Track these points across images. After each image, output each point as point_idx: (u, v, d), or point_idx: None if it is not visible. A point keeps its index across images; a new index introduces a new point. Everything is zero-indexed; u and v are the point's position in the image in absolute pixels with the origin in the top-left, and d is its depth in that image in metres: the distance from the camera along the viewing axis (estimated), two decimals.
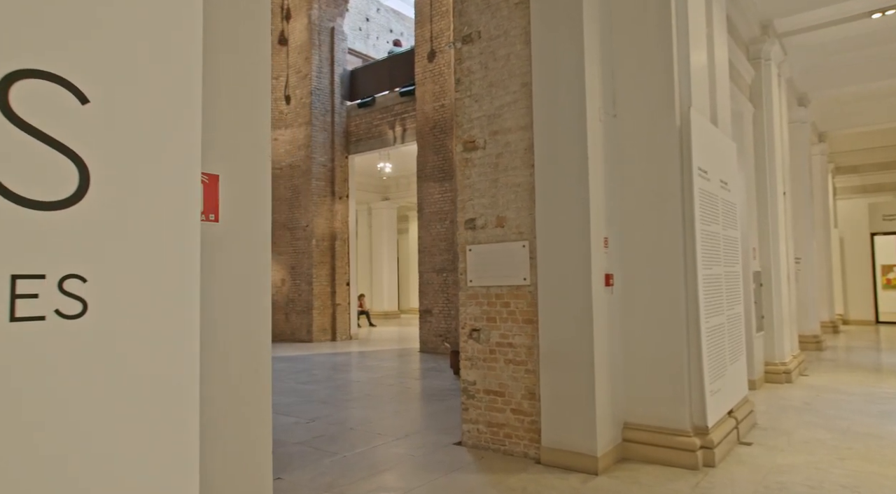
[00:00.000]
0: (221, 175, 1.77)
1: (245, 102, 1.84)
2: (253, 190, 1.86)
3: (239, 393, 1.83)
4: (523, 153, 4.41)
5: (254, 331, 1.85)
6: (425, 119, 11.46)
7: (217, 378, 1.74)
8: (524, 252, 4.34)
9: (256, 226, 1.86)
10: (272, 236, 11.05)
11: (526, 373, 4.32)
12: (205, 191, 1.72)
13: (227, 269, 1.77)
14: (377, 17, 22.82)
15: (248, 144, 1.85)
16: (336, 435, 4.93)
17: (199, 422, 1.58)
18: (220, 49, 1.75)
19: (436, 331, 11.04)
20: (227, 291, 1.77)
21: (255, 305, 1.85)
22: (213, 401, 1.72)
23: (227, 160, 1.79)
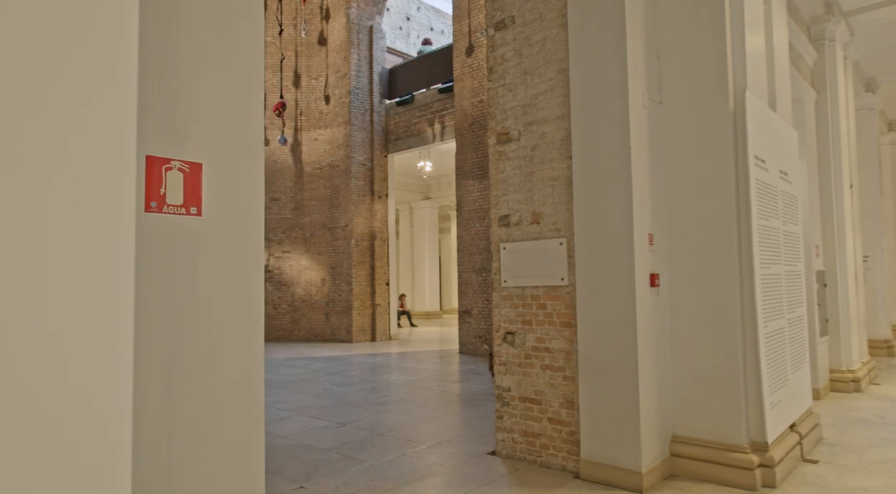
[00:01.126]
0: (205, 163, 1.58)
1: (232, 83, 1.65)
2: (242, 180, 1.66)
3: (226, 405, 1.63)
4: (560, 144, 4.12)
5: (244, 337, 1.65)
6: (464, 115, 11.23)
7: (198, 388, 1.55)
8: (561, 250, 4.05)
9: (247, 221, 1.67)
10: (313, 236, 11.11)
11: (564, 380, 4.02)
12: (185, 181, 1.53)
13: (212, 269, 1.58)
14: (417, 16, 22.74)
15: (236, 129, 1.65)
16: (365, 441, 4.76)
17: (175, 437, 1.39)
18: (194, 20, 1.55)
19: (475, 332, 10.79)
20: (211, 294, 1.58)
21: (244, 309, 1.66)
22: (191, 414, 1.53)
23: (212, 147, 1.60)
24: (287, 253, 13.77)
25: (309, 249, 13.71)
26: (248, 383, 1.68)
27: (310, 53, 14.05)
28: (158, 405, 1.51)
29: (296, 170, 13.91)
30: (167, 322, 1.51)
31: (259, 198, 1.70)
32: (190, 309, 1.54)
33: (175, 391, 1.53)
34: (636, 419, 3.63)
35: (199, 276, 1.56)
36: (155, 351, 1.50)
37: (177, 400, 1.54)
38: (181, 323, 1.53)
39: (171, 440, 1.53)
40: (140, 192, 1.49)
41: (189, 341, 1.54)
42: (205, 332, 1.58)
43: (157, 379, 1.50)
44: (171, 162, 1.53)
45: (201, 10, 1.57)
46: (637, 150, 3.75)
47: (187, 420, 1.56)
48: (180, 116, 1.53)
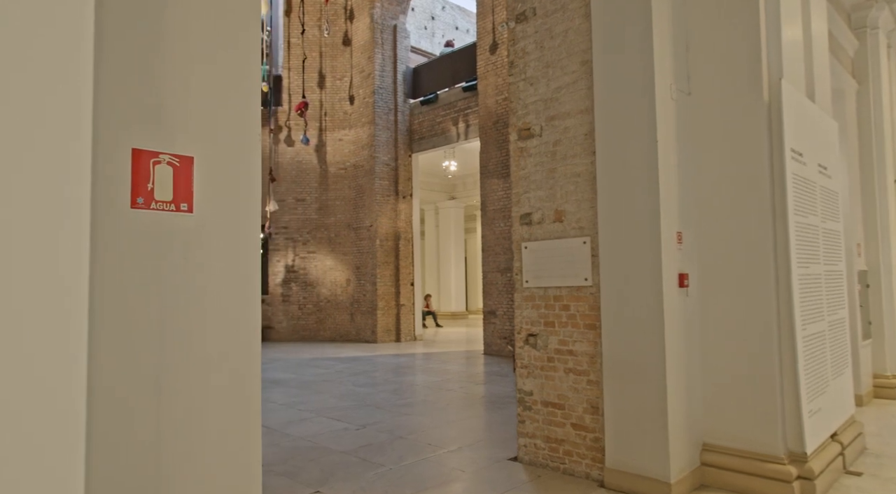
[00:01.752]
0: (197, 157, 1.50)
1: (226, 74, 1.56)
2: (237, 175, 1.58)
3: (221, 407, 1.55)
4: (583, 139, 3.97)
5: (240, 338, 1.57)
6: (488, 113, 11.09)
7: (191, 389, 1.47)
8: (585, 249, 3.90)
9: (242, 218, 1.58)
10: (338, 236, 11.11)
11: (588, 384, 3.87)
12: (175, 176, 1.45)
13: (204, 269, 1.50)
14: (442, 15, 22.67)
15: (230, 122, 1.57)
16: (385, 445, 4.67)
17: (165, 438, 1.30)
18: (187, 8, 1.47)
19: (500, 333, 10.64)
20: (203, 295, 1.49)
21: (240, 310, 1.57)
22: (182, 415, 1.45)
23: (204, 140, 1.52)
24: (312, 254, 13.82)
25: (334, 249, 13.74)
26: (244, 385, 1.60)
27: (334, 54, 14.08)
28: (146, 405, 1.43)
29: (321, 171, 13.96)
30: (157, 322, 1.44)
31: (255, 194, 1.61)
32: (181, 309, 1.46)
33: (165, 392, 1.46)
34: (664, 426, 3.46)
35: (190, 276, 1.48)
36: (142, 351, 1.42)
37: (167, 401, 1.46)
38: (172, 324, 1.46)
39: (160, 441, 1.45)
40: (125, 187, 1.41)
41: (180, 342, 1.46)
42: (197, 333, 1.50)
43: (145, 379, 1.43)
44: (159, 155, 1.46)
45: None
46: (664, 144, 3.57)
47: (178, 421, 1.48)
48: (170, 108, 1.45)
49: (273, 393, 7.12)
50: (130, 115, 1.41)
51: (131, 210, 1.43)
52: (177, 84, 1.46)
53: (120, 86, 1.39)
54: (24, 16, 1.02)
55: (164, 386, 1.45)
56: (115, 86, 1.39)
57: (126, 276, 1.39)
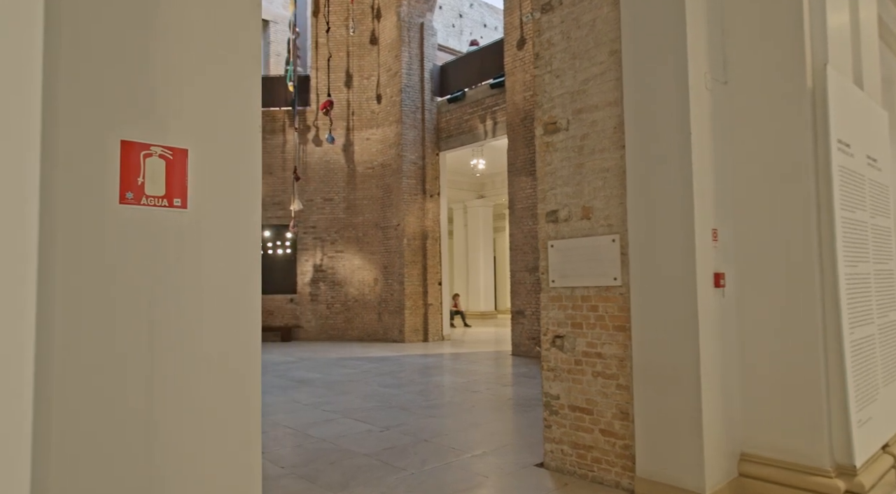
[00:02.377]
0: (192, 149, 1.41)
1: (225, 60, 1.47)
2: (236, 169, 1.49)
3: (218, 412, 1.46)
4: (612, 132, 3.79)
5: (238, 341, 1.48)
6: (515, 110, 10.92)
7: (185, 394, 1.38)
8: (614, 247, 3.72)
9: (241, 214, 1.49)
10: (365, 235, 11.10)
11: (617, 389, 3.70)
12: (168, 169, 1.37)
13: (199, 268, 1.41)
14: (470, 13, 22.54)
15: (229, 112, 1.48)
16: (408, 448, 4.57)
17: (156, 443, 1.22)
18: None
19: (528, 334, 10.46)
20: (199, 296, 1.40)
21: (238, 311, 1.48)
22: (175, 419, 1.36)
23: (200, 131, 1.43)
24: (340, 253, 13.85)
25: (361, 249, 13.74)
26: (243, 388, 1.51)
27: (361, 53, 14.08)
28: (136, 407, 1.35)
29: (348, 170, 13.98)
30: (147, 323, 1.36)
31: (255, 189, 1.52)
32: (175, 310, 1.38)
33: (157, 394, 1.38)
34: (699, 434, 3.27)
35: (184, 276, 1.39)
36: (131, 353, 1.34)
37: (159, 404, 1.38)
38: (164, 325, 1.38)
39: (152, 444, 1.37)
40: (113, 181, 1.34)
41: (174, 344, 1.38)
42: (193, 335, 1.42)
43: (135, 381, 1.35)
44: (150, 147, 1.38)
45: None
46: (698, 136, 3.38)
47: (172, 424, 1.40)
48: (163, 97, 1.37)
49: (299, 393, 7.10)
50: (119, 105, 1.33)
51: (120, 205, 1.35)
52: (170, 71, 1.38)
53: (106, 72, 1.31)
54: None
55: (156, 388, 1.37)
56: (100, 73, 1.31)
57: (113, 275, 1.32)
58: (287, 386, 7.60)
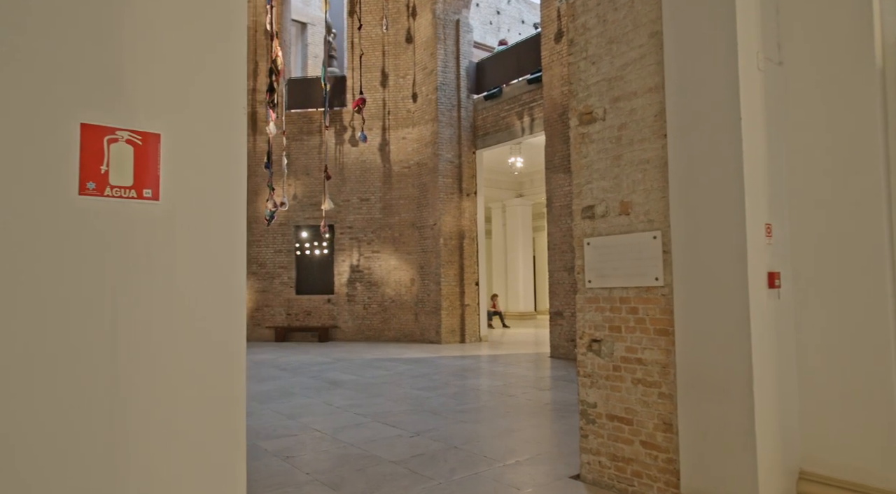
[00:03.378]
0: (165, 134, 1.26)
1: (204, 34, 1.31)
2: (217, 156, 1.33)
3: (193, 422, 1.30)
4: (652, 121, 3.52)
5: (219, 349, 1.32)
6: (553, 105, 10.61)
7: (156, 405, 1.23)
8: (655, 245, 3.45)
9: (222, 207, 1.33)
10: (402, 235, 11.00)
11: (659, 398, 3.42)
12: (136, 156, 1.22)
13: (173, 267, 1.25)
14: (508, 10, 22.24)
15: (208, 93, 1.32)
16: (437, 455, 4.39)
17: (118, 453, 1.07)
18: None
19: (567, 335, 10.14)
20: (171, 298, 1.25)
21: (219, 314, 1.32)
22: (144, 430, 1.21)
23: (175, 114, 1.28)
24: (376, 253, 13.80)
25: (398, 249, 13.66)
26: (226, 399, 1.35)
27: (397, 52, 14.01)
28: (98, 428, 1.21)
29: (384, 170, 13.92)
30: (111, 332, 1.21)
31: (239, 179, 1.36)
32: (144, 316, 1.23)
33: (120, 413, 1.23)
34: (752, 448, 2.97)
35: (155, 276, 1.24)
36: (93, 367, 1.20)
37: (121, 424, 1.23)
38: (131, 334, 1.23)
39: (117, 471, 1.22)
40: (71, 170, 1.20)
41: (142, 355, 1.23)
42: (165, 345, 1.26)
43: (96, 391, 1.20)
44: (116, 132, 1.23)
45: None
46: (749, 122, 3.07)
47: (138, 454, 1.25)
48: (132, 75, 1.22)
49: (332, 395, 7.02)
50: (78, 83, 1.19)
51: (79, 197, 1.21)
52: (140, 46, 1.23)
53: (65, 48, 1.17)
54: None
55: (118, 406, 1.23)
56: (57, 49, 1.17)
57: (71, 275, 1.18)
58: (321, 387, 7.54)
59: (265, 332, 14.00)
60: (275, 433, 5.13)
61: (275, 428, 5.29)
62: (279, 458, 4.36)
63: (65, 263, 1.18)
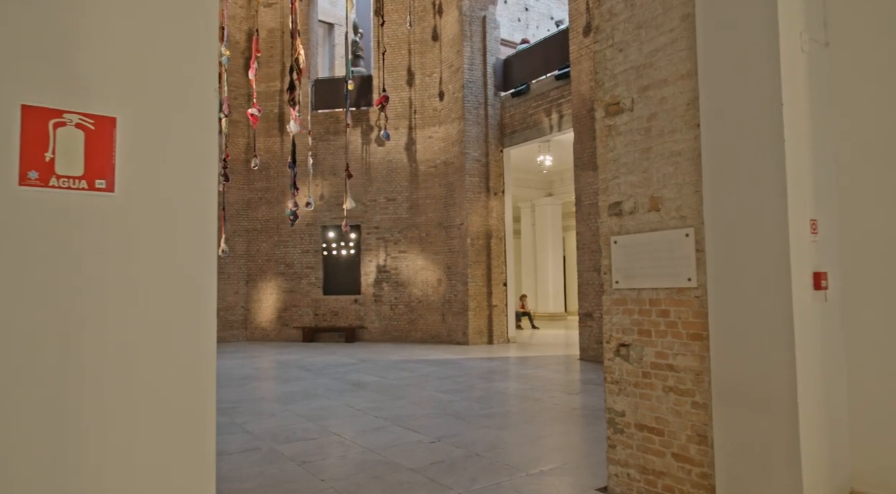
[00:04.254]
0: (121, 118, 1.12)
1: (169, 8, 1.17)
2: (182, 143, 1.18)
3: (155, 451, 1.16)
4: (684, 110, 3.28)
5: (183, 359, 1.17)
6: (582, 101, 10.32)
7: (110, 429, 1.09)
8: (688, 243, 3.21)
9: (188, 200, 1.18)
10: (428, 235, 10.84)
11: (693, 407, 3.18)
12: (88, 142, 1.09)
13: (130, 267, 1.11)
14: (536, 6, 21.93)
15: (173, 73, 1.18)
16: (457, 463, 4.22)
17: (66, 475, 0.94)
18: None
19: (597, 337, 9.83)
20: (126, 301, 1.10)
21: (183, 322, 1.17)
22: (98, 465, 1.07)
23: (133, 95, 1.13)
24: (403, 254, 13.71)
25: (424, 249, 13.53)
26: (190, 422, 1.20)
27: (423, 50, 13.88)
28: (44, 453, 1.08)
29: (410, 169, 13.81)
30: (58, 342, 1.08)
31: (209, 169, 1.22)
32: (96, 322, 1.09)
33: (73, 433, 1.10)
34: (796, 465, 2.72)
35: (109, 277, 1.10)
36: (36, 381, 1.07)
37: (74, 446, 1.10)
38: (81, 344, 1.09)
39: (56, 476, 1.09)
40: (10, 158, 1.07)
41: (96, 367, 1.09)
42: (121, 354, 1.12)
43: (41, 417, 1.07)
44: (64, 115, 1.10)
45: None
46: (793, 108, 2.82)
47: (90, 458, 1.11)
48: (83, 51, 1.08)
49: (354, 397, 6.92)
50: (20, 60, 1.06)
51: (19, 188, 1.08)
52: (94, 18, 1.09)
53: (2, 20, 1.05)
54: None
55: (71, 426, 1.10)
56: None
57: (7, 277, 1.05)
58: (343, 389, 7.45)
59: (293, 333, 14.04)
60: (294, 436, 5.04)
61: (294, 432, 5.20)
62: (295, 463, 4.25)
63: (1, 263, 1.05)
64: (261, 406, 6.46)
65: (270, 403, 6.65)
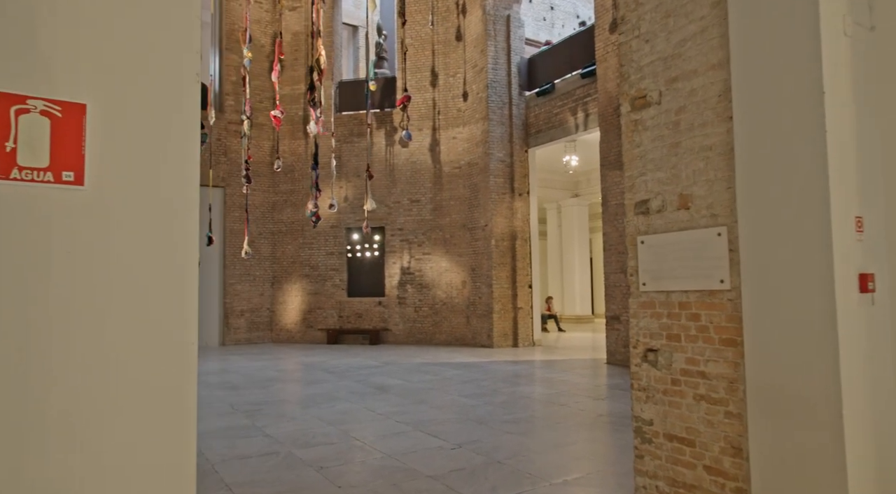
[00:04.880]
0: (92, 105, 1.03)
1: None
2: (161, 133, 1.08)
3: (130, 467, 1.06)
4: (716, 102, 3.10)
5: (164, 367, 1.07)
6: (608, 99, 10.09)
7: (80, 444, 1.00)
8: (720, 242, 3.02)
9: (166, 196, 1.08)
10: (452, 237, 10.72)
11: (726, 417, 2.99)
12: (54, 131, 1.00)
13: (100, 268, 1.01)
14: (562, 5, 21.68)
15: (150, 57, 1.08)
16: (478, 471, 4.08)
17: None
18: None
19: (624, 341, 9.58)
20: (98, 303, 1.01)
21: (163, 326, 1.07)
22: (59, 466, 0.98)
23: (106, 80, 1.04)
24: (427, 255, 13.62)
25: (449, 250, 13.42)
26: (171, 438, 1.10)
27: (447, 51, 13.80)
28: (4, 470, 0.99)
29: (434, 171, 13.73)
30: (20, 349, 0.99)
31: (191, 161, 1.12)
32: (64, 327, 1.00)
33: (34, 449, 1.01)
34: (842, 481, 2.51)
35: (76, 280, 1.01)
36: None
37: (33, 446, 1.01)
38: (47, 352, 1.01)
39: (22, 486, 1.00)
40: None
41: (63, 376, 0.99)
42: (94, 364, 1.03)
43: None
44: (27, 101, 1.02)
45: None
46: (835, 97, 2.62)
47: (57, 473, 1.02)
48: (49, 31, 0.99)
49: (376, 400, 6.83)
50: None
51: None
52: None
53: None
54: None
55: (32, 440, 1.01)
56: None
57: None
58: (365, 392, 7.37)
59: (317, 335, 14.07)
60: (313, 441, 4.97)
61: (314, 436, 5.13)
62: (313, 468, 4.17)
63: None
64: (282, 408, 6.42)
65: (292, 406, 6.61)
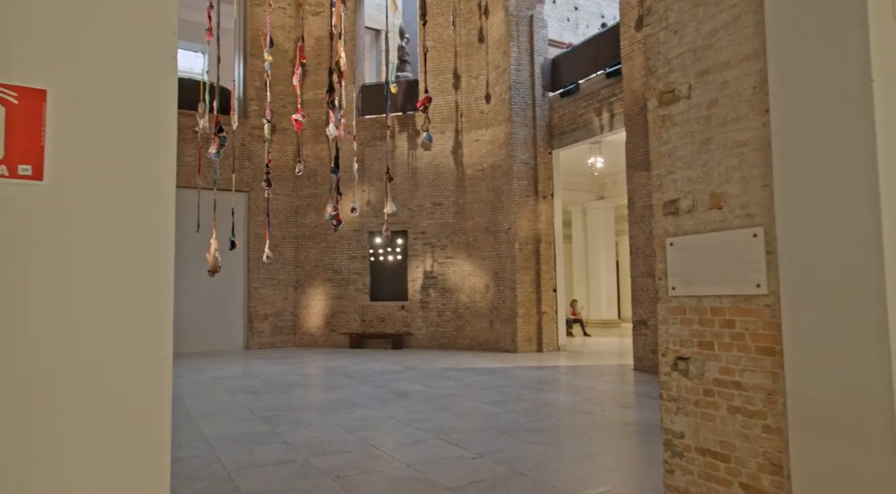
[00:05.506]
0: (53, 91, 0.92)
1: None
2: (133, 125, 0.97)
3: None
4: (750, 94, 2.91)
5: (134, 380, 0.96)
6: (634, 98, 9.84)
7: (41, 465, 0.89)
8: (756, 244, 2.83)
9: (139, 193, 0.97)
10: (475, 240, 10.56)
11: (764, 432, 2.79)
12: (9, 120, 0.90)
13: (60, 272, 0.90)
14: (587, 5, 21.38)
15: (120, 38, 0.97)
16: (499, 483, 3.93)
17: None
18: None
19: (652, 346, 9.30)
20: (59, 311, 0.90)
21: (132, 335, 0.96)
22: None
23: (70, 62, 0.94)
24: (450, 259, 13.49)
25: (472, 254, 13.28)
26: (141, 455, 0.98)
27: (469, 52, 13.69)
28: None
29: (457, 174, 13.61)
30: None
31: (166, 155, 1.01)
32: (19, 338, 0.89)
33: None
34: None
35: (32, 285, 0.90)
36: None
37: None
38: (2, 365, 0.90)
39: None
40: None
41: (17, 391, 0.88)
42: (52, 376, 0.92)
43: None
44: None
45: None
46: (884, 86, 2.41)
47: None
48: (3, 9, 0.89)
49: (396, 407, 6.72)
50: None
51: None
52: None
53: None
54: None
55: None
56: None
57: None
58: (386, 398, 7.26)
59: (340, 339, 14.04)
60: (330, 448, 4.87)
61: (331, 443, 5.03)
62: (329, 477, 4.07)
63: None
64: (301, 414, 6.35)
65: (311, 412, 6.53)
